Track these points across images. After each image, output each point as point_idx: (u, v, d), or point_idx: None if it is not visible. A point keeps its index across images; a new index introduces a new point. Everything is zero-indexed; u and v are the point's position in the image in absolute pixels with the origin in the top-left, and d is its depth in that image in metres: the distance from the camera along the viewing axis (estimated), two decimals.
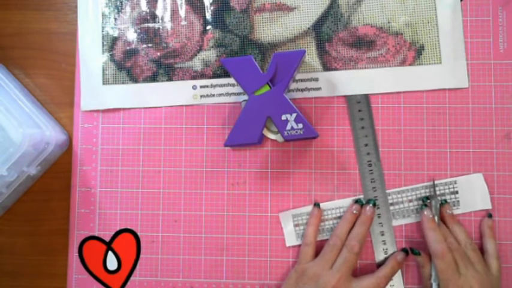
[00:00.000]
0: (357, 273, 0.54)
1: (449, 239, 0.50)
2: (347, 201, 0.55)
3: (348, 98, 0.55)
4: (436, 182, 0.54)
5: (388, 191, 0.54)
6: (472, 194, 0.54)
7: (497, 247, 0.52)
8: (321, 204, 0.55)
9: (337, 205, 0.55)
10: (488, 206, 0.54)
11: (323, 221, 0.55)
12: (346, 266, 0.49)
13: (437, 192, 0.54)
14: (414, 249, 0.52)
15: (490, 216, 0.53)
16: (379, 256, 0.54)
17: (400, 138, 0.55)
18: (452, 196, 0.54)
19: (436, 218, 0.51)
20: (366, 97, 0.55)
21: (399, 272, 0.53)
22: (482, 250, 0.52)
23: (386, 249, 0.54)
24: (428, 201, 0.53)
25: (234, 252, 0.56)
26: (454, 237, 0.51)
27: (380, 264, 0.53)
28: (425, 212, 0.52)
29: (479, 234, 0.53)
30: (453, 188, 0.54)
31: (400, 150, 0.55)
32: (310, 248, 0.53)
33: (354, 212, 0.53)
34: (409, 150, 0.55)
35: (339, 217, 0.54)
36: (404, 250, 0.53)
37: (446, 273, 0.48)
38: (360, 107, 0.55)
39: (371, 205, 0.53)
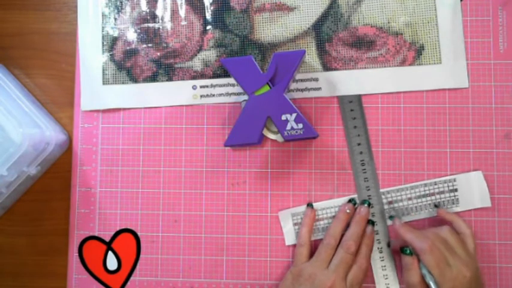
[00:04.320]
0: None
1: (427, 233, 0.49)
2: (343, 200, 0.55)
3: (340, 98, 0.55)
4: (435, 180, 0.54)
5: (387, 189, 0.54)
6: (471, 191, 0.54)
7: (468, 224, 0.51)
8: (318, 204, 0.55)
9: (334, 204, 0.55)
10: (488, 204, 0.54)
11: (320, 220, 0.55)
12: (342, 266, 0.49)
13: (437, 190, 0.54)
14: (404, 248, 0.50)
15: (436, 206, 0.53)
16: (374, 255, 0.54)
17: (400, 138, 0.55)
18: (452, 194, 0.54)
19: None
20: (358, 97, 0.55)
21: (394, 273, 0.53)
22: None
23: (381, 247, 0.54)
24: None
25: (234, 252, 0.56)
26: (430, 231, 0.50)
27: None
28: (396, 222, 0.52)
29: (478, 234, 0.54)
30: (452, 185, 0.54)
31: (400, 150, 0.55)
32: (305, 249, 0.53)
33: (347, 211, 0.53)
34: (409, 150, 0.55)
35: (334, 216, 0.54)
36: (371, 222, 0.53)
37: (439, 267, 0.47)
38: (352, 106, 0.55)
39: (365, 205, 0.53)
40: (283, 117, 0.51)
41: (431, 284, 0.47)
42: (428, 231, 0.50)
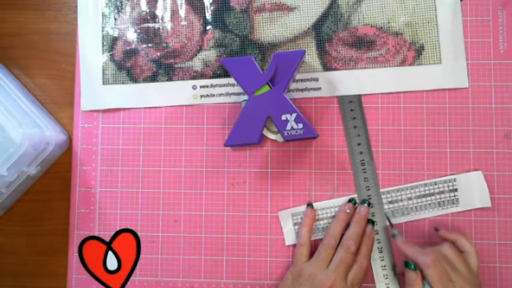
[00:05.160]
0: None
1: (428, 250, 0.49)
2: (343, 200, 0.55)
3: (340, 98, 0.55)
4: (435, 180, 0.54)
5: (387, 189, 0.54)
6: (471, 191, 0.54)
7: (472, 243, 0.51)
8: (318, 204, 0.55)
9: (334, 204, 0.55)
10: (488, 204, 0.54)
11: (320, 220, 0.55)
12: (342, 266, 0.49)
13: (437, 190, 0.54)
14: (409, 263, 0.49)
15: (436, 230, 0.53)
16: (374, 255, 0.54)
17: (400, 138, 0.55)
18: (452, 194, 0.54)
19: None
20: (358, 97, 0.55)
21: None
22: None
23: (381, 247, 0.54)
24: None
25: (234, 252, 0.56)
26: (431, 248, 0.50)
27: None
28: (398, 239, 0.51)
29: (478, 234, 0.54)
30: (452, 185, 0.54)
31: (400, 150, 0.55)
32: (305, 249, 0.53)
33: (347, 211, 0.53)
34: (409, 150, 0.55)
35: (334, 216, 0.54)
36: (371, 221, 0.53)
37: (442, 283, 0.46)
38: (352, 106, 0.55)
39: (365, 205, 0.53)
40: (283, 117, 0.51)
41: None
42: (429, 249, 0.49)
